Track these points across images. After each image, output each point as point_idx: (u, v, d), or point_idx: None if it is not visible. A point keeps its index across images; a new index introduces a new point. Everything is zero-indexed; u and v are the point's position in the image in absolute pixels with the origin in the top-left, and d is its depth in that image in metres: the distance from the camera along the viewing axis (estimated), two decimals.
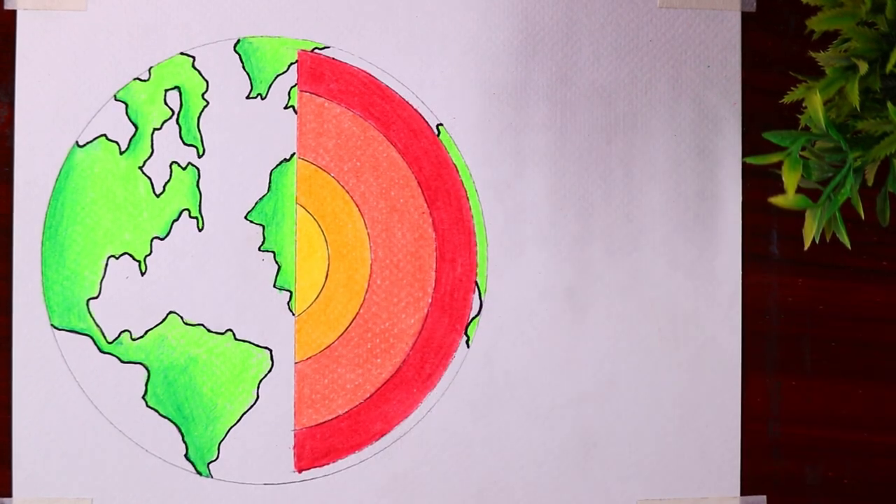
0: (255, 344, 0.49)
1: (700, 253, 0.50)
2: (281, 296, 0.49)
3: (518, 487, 0.49)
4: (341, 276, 0.50)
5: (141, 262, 0.49)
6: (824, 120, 0.41)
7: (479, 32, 0.50)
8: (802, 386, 0.50)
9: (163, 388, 0.49)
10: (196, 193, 0.49)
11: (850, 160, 0.42)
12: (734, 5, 0.50)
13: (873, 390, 0.50)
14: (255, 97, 0.49)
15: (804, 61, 0.46)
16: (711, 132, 0.50)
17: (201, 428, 0.49)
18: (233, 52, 0.49)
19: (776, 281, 0.50)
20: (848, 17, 0.41)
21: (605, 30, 0.50)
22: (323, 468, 0.49)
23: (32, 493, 0.49)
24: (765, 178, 0.49)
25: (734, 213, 0.50)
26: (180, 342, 0.49)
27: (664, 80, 0.50)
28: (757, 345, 0.50)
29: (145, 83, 0.49)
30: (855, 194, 0.43)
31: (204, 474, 0.49)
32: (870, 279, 0.50)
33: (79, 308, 0.49)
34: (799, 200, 0.42)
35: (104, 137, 0.49)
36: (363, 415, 0.49)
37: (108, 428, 0.49)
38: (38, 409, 0.49)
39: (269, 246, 0.49)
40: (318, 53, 0.50)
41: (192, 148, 0.49)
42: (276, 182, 0.49)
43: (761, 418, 0.50)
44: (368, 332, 0.50)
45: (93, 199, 0.49)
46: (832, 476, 0.50)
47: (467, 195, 0.50)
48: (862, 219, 0.44)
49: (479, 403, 0.49)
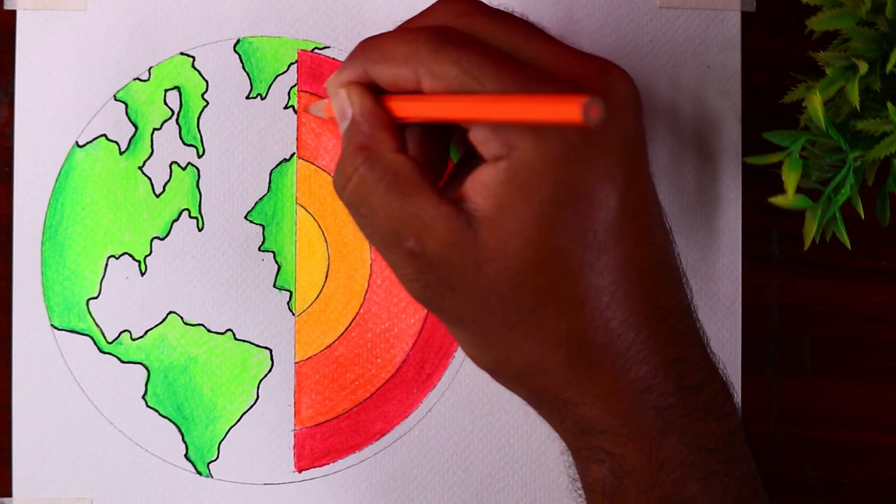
0: (255, 344, 0.49)
1: (700, 253, 0.50)
2: (281, 296, 0.49)
3: (518, 487, 0.49)
4: (341, 276, 0.50)
5: (141, 262, 0.49)
6: (824, 120, 0.41)
7: None
8: (802, 386, 0.50)
9: (163, 388, 0.49)
10: (196, 193, 0.49)
11: (850, 160, 0.42)
12: (734, 5, 0.50)
13: (873, 390, 0.50)
14: (255, 97, 0.49)
15: (804, 61, 0.46)
16: (711, 132, 0.50)
17: (201, 428, 0.49)
18: (233, 52, 0.49)
19: (776, 281, 0.50)
20: (848, 17, 0.41)
21: (605, 30, 0.50)
22: (323, 468, 0.49)
23: (32, 493, 0.49)
24: (765, 178, 0.49)
25: (734, 213, 0.50)
26: (180, 342, 0.49)
27: (664, 80, 0.50)
28: (757, 345, 0.50)
29: (145, 83, 0.49)
30: (855, 194, 0.43)
31: (204, 474, 0.49)
32: (870, 279, 0.50)
33: (79, 308, 0.49)
34: (799, 200, 0.42)
35: (104, 137, 0.49)
36: (363, 415, 0.49)
37: (108, 428, 0.49)
38: (38, 409, 0.49)
39: (269, 246, 0.49)
40: (318, 53, 0.50)
41: (192, 148, 0.49)
42: (276, 182, 0.49)
43: (761, 418, 0.50)
44: (368, 332, 0.50)
45: (93, 199, 0.49)
46: (832, 476, 0.50)
47: None
48: (862, 219, 0.44)
49: (479, 403, 0.49)
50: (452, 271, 0.35)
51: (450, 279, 0.36)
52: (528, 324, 0.36)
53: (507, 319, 0.36)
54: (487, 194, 0.35)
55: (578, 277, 0.35)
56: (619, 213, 0.35)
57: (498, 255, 0.35)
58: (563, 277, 0.35)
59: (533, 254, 0.35)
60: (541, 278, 0.35)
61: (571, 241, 0.35)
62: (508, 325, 0.36)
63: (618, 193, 0.35)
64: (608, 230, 0.35)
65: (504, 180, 0.35)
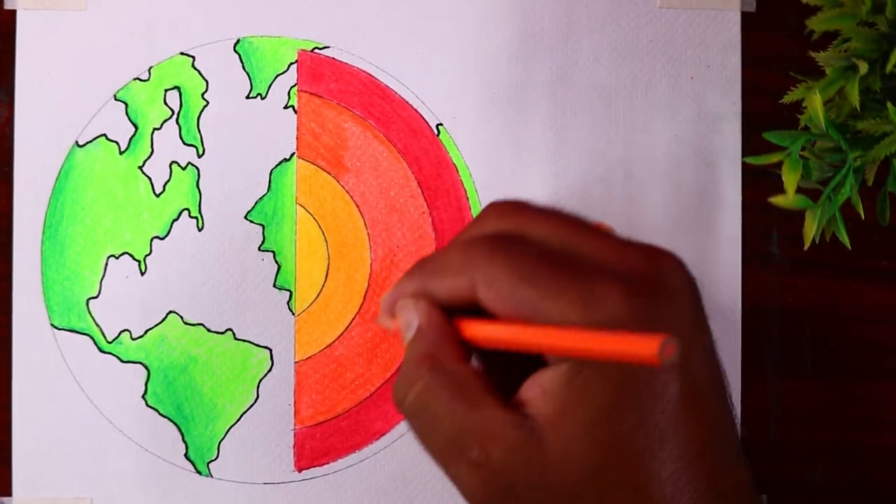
0: (255, 343, 0.49)
1: (700, 253, 0.50)
2: (281, 295, 0.49)
3: None
4: (341, 276, 0.50)
5: (141, 262, 0.49)
6: (824, 120, 0.41)
7: (479, 32, 0.50)
8: (802, 386, 0.50)
9: (163, 387, 0.49)
10: (196, 193, 0.49)
11: (850, 160, 0.42)
12: (734, 5, 0.50)
13: (873, 390, 0.50)
14: (255, 97, 0.49)
15: (804, 61, 0.46)
16: (711, 132, 0.50)
17: (201, 427, 0.49)
18: (232, 52, 0.50)
19: (776, 281, 0.50)
20: (848, 17, 0.41)
21: (605, 30, 0.50)
22: (323, 468, 0.49)
23: (32, 493, 0.49)
24: (765, 178, 0.49)
25: (734, 213, 0.50)
26: (180, 342, 0.49)
27: (664, 80, 0.50)
28: (757, 345, 0.50)
29: (145, 83, 0.49)
30: (855, 194, 0.43)
31: (204, 473, 0.49)
32: (870, 279, 0.50)
33: (79, 308, 0.49)
34: (799, 200, 0.42)
35: (104, 137, 0.49)
36: (363, 414, 0.49)
37: (108, 427, 0.49)
38: (38, 409, 0.49)
39: (269, 246, 0.49)
40: (318, 53, 0.50)
41: (192, 148, 0.49)
42: (276, 182, 0.49)
43: (761, 419, 0.50)
44: (368, 332, 0.50)
45: (93, 198, 0.49)
46: (832, 476, 0.50)
47: (467, 195, 0.50)
48: (862, 219, 0.44)
49: None
50: (517, 479, 0.35)
51: (514, 486, 0.35)
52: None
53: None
54: (549, 398, 0.35)
55: (643, 469, 0.35)
56: (678, 400, 0.35)
57: (562, 459, 0.35)
58: (627, 471, 0.35)
59: (597, 453, 0.35)
60: (606, 475, 0.35)
61: (634, 434, 0.35)
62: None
63: (677, 382, 0.35)
64: (669, 419, 0.35)
65: (565, 383, 0.35)
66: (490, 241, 0.36)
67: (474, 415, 0.35)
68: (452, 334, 0.37)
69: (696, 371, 0.36)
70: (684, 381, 0.35)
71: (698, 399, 0.36)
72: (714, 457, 0.36)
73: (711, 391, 0.37)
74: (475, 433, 0.35)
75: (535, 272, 0.35)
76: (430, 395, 0.36)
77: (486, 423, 0.35)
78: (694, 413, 0.36)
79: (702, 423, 0.36)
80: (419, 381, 0.37)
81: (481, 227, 0.38)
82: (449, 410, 0.36)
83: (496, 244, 0.36)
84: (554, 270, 0.35)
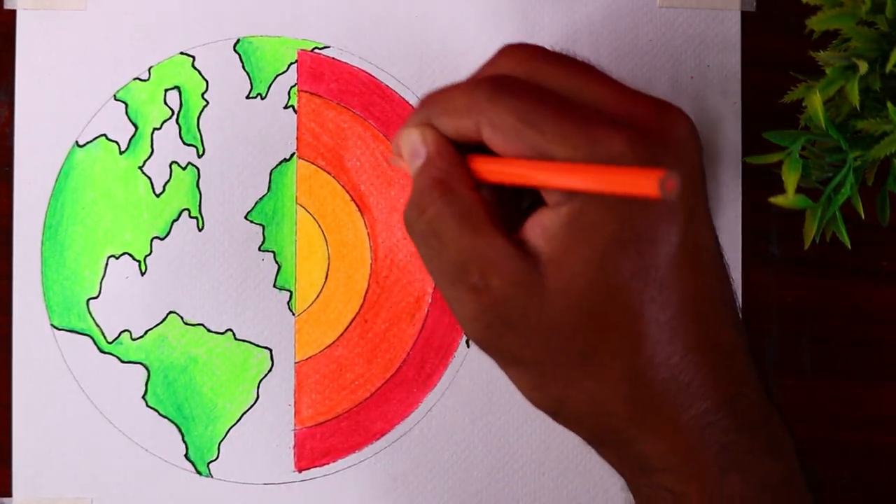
0: (255, 344, 0.49)
1: None
2: (281, 296, 0.49)
3: (518, 487, 0.49)
4: (341, 276, 0.50)
5: (141, 262, 0.49)
6: (824, 120, 0.41)
7: (479, 32, 0.50)
8: (802, 386, 0.50)
9: (163, 387, 0.49)
10: (196, 193, 0.49)
11: (850, 160, 0.42)
12: (734, 5, 0.50)
13: (873, 390, 0.50)
14: (255, 97, 0.49)
15: (804, 61, 0.46)
16: (711, 132, 0.50)
17: (201, 428, 0.49)
18: (233, 52, 0.50)
19: (776, 281, 0.50)
20: (848, 16, 0.41)
21: (605, 30, 0.50)
22: (323, 468, 0.49)
23: (32, 493, 0.49)
24: (765, 178, 0.49)
25: (734, 213, 0.50)
26: (180, 342, 0.49)
27: (664, 80, 0.50)
28: (757, 344, 0.50)
29: (145, 83, 0.49)
30: (855, 194, 0.43)
31: (204, 474, 0.49)
32: (870, 279, 0.50)
33: (79, 308, 0.49)
34: (799, 200, 0.42)
35: (104, 137, 0.49)
36: (363, 415, 0.49)
37: (108, 428, 0.49)
38: (38, 409, 0.49)
39: (269, 246, 0.49)
40: (318, 53, 0.50)
41: (192, 148, 0.49)
42: (276, 182, 0.49)
43: None
44: (368, 332, 0.50)
45: (93, 199, 0.49)
46: (832, 476, 0.50)
47: None
48: (862, 219, 0.44)
49: (479, 403, 0.49)
50: (514, 310, 0.36)
51: (511, 318, 0.36)
52: (590, 362, 0.36)
53: (569, 359, 0.36)
54: (549, 237, 0.35)
55: (640, 313, 0.35)
56: (680, 249, 0.35)
57: (561, 296, 0.35)
58: (625, 314, 0.35)
59: (596, 293, 0.35)
60: (603, 316, 0.35)
61: (634, 277, 0.35)
62: (570, 364, 0.36)
63: (679, 229, 0.35)
64: (669, 265, 0.35)
65: (566, 223, 0.35)
66: (494, 84, 0.36)
67: (478, 242, 0.36)
68: (461, 160, 0.37)
69: (698, 223, 0.36)
70: (686, 231, 0.35)
71: (699, 252, 0.36)
72: (711, 311, 0.36)
73: (712, 247, 0.37)
74: (477, 260, 0.36)
75: (539, 116, 0.35)
76: (440, 221, 0.36)
77: (488, 251, 0.36)
78: (694, 265, 0.36)
79: (701, 276, 0.36)
80: (430, 207, 0.37)
81: (493, 68, 0.38)
82: (456, 237, 0.36)
83: (501, 87, 0.36)
84: (559, 115, 0.35)
